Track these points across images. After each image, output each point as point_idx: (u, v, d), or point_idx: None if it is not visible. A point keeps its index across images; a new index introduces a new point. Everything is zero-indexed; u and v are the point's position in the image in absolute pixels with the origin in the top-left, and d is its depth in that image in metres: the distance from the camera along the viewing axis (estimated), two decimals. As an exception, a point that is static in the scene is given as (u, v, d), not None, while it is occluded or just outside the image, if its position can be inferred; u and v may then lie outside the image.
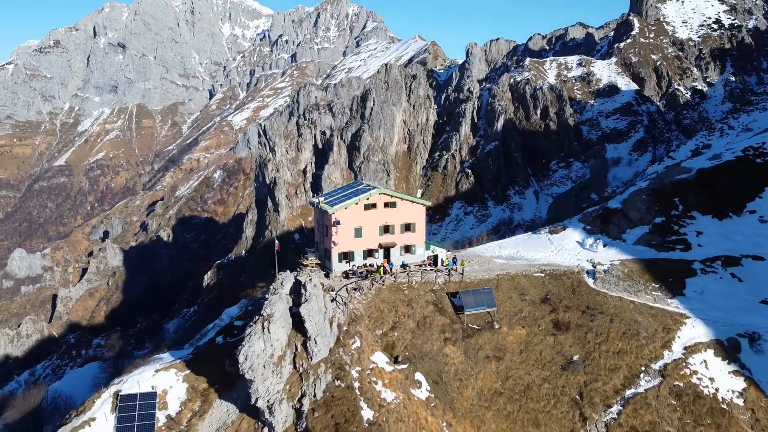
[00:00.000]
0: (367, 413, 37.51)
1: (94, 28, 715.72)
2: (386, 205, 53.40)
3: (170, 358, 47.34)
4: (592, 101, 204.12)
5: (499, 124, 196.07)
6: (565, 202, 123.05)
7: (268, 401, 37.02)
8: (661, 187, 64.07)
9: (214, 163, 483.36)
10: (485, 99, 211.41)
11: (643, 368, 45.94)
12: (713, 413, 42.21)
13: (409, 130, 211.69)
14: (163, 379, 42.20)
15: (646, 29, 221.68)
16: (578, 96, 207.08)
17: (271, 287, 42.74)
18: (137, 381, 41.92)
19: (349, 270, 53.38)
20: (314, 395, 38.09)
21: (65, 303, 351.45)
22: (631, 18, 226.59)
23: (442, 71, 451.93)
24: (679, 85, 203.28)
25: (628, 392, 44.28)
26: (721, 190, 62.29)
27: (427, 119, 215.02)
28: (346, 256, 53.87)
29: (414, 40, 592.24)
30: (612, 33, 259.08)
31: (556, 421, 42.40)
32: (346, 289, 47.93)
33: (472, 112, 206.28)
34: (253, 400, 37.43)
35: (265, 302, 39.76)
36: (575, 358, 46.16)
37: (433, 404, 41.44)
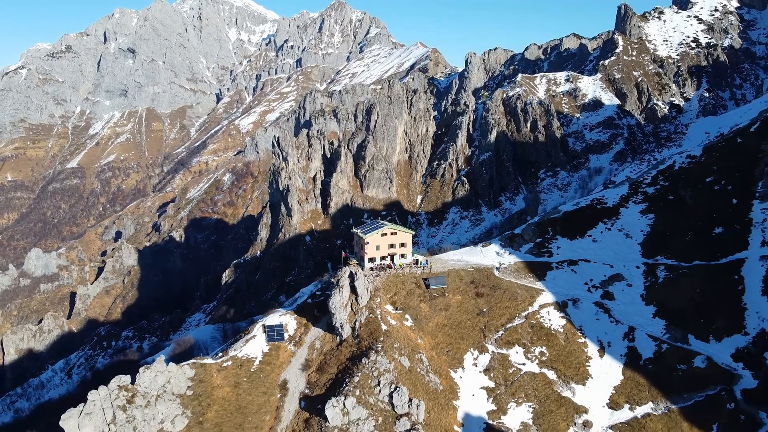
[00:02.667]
0: (384, 327, 73.40)
1: (105, 34, 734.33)
2: (392, 233, 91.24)
3: (283, 311, 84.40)
4: (578, 115, 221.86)
5: (493, 136, 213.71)
6: (511, 222, 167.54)
7: (340, 323, 73.24)
8: (542, 222, 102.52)
9: (223, 166, 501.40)
10: (480, 112, 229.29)
11: (516, 315, 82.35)
12: (548, 335, 79.35)
13: (410, 140, 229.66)
14: (284, 319, 78.81)
15: (629, 47, 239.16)
16: (565, 110, 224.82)
17: (339, 273, 79.10)
18: (272, 319, 78.72)
19: (373, 266, 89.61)
20: (360, 321, 74.59)
21: (83, 300, 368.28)
22: (615, 37, 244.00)
23: (442, 79, 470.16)
24: (657, 100, 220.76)
25: (508, 325, 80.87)
26: (574, 223, 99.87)
27: (426, 131, 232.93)
28: (372, 260, 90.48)
29: (416, 46, 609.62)
30: (608, 36, 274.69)
31: (472, 337, 79.33)
32: (372, 275, 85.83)
33: (468, 125, 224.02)
34: (333, 323, 73.72)
35: (339, 279, 76.16)
36: (484, 309, 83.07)
37: (413, 328, 79.09)
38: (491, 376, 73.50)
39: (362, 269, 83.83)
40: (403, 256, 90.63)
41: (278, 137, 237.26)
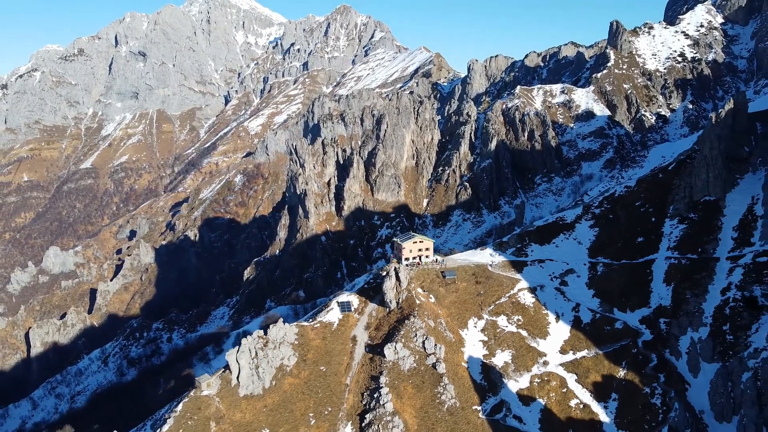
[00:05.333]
0: (417, 302, 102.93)
1: (116, 37, 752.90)
2: (420, 241, 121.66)
3: (348, 292, 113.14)
4: (572, 125, 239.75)
5: (493, 145, 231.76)
6: (502, 231, 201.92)
7: (389, 299, 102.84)
8: (521, 233, 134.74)
9: (234, 167, 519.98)
10: (481, 122, 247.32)
11: (502, 295, 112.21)
12: (522, 308, 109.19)
13: (416, 148, 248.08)
14: (350, 297, 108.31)
15: (620, 61, 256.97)
16: (560, 120, 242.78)
17: (387, 267, 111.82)
18: (342, 298, 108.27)
19: (408, 263, 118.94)
20: (402, 298, 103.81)
21: (104, 296, 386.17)
22: (607, 51, 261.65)
23: (445, 84, 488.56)
24: (645, 111, 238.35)
25: (497, 302, 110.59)
26: (544, 234, 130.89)
27: (432, 139, 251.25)
28: (407, 259, 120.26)
29: (419, 51, 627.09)
30: (601, 49, 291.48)
31: (473, 309, 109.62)
32: (408, 269, 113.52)
33: (470, 134, 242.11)
34: (384, 299, 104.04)
35: (388, 271, 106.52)
36: (481, 291, 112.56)
37: (435, 303, 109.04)
38: (485, 333, 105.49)
39: (401, 265, 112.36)
40: (427, 256, 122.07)
41: (295, 145, 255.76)
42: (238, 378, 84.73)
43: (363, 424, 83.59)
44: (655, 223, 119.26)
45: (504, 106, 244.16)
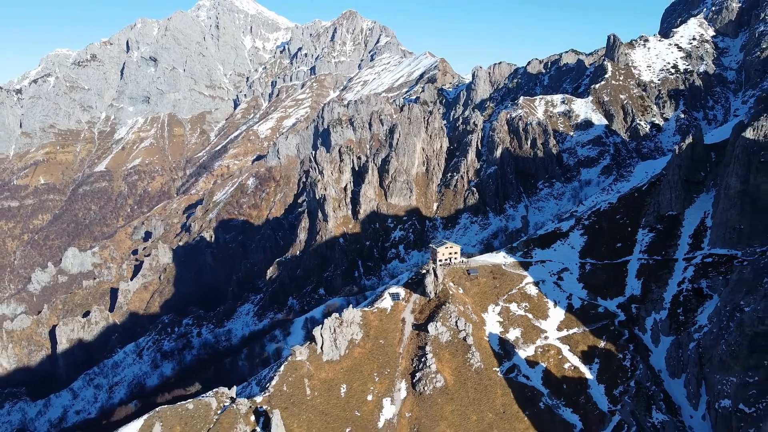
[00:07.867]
0: (450, 292, 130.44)
1: (128, 43, 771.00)
2: (450, 247, 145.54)
3: (396, 284, 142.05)
4: (572, 133, 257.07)
5: (498, 152, 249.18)
6: (507, 234, 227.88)
7: (429, 290, 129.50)
8: (527, 240, 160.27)
9: (246, 170, 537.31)
10: (487, 131, 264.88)
11: (513, 288, 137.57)
12: (528, 297, 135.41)
13: (426, 155, 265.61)
14: (397, 290, 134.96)
15: (617, 73, 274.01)
16: (561, 128, 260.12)
17: (425, 267, 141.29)
18: (392, 290, 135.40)
19: (441, 264, 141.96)
20: (438, 289, 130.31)
21: (125, 295, 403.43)
22: (605, 63, 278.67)
23: (450, 90, 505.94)
24: (640, 120, 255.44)
25: (509, 292, 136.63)
26: (544, 240, 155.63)
27: (440, 146, 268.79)
28: (440, 261, 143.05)
29: (424, 56, 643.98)
30: (600, 60, 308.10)
31: (491, 298, 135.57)
32: (442, 268, 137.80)
33: (477, 142, 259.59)
34: (426, 290, 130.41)
35: (428, 268, 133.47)
36: (497, 285, 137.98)
37: (463, 293, 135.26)
38: (501, 316, 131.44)
39: (437, 265, 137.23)
40: (455, 258, 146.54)
41: (314, 153, 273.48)
42: (321, 348, 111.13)
43: (414, 380, 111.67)
44: (630, 232, 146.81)
45: (508, 115, 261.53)
